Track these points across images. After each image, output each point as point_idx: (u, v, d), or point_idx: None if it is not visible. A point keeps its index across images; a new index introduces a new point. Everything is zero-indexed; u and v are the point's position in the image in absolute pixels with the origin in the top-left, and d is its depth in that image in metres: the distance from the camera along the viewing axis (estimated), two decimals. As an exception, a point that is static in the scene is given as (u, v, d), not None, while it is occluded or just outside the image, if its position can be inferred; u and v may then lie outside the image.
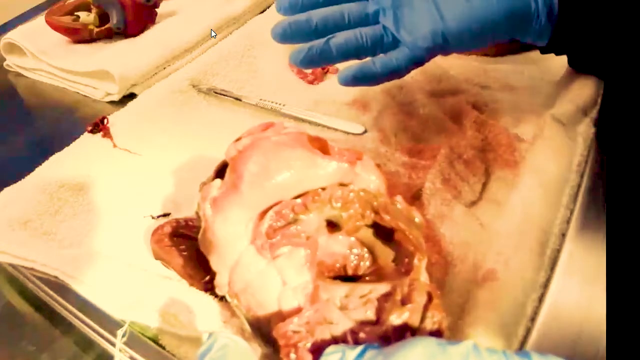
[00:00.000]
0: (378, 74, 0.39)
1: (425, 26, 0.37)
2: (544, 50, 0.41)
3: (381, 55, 0.39)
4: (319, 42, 0.39)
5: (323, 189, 0.31)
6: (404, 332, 0.26)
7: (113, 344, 0.32)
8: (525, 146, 0.41)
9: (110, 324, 0.33)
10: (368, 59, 0.40)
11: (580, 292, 0.32)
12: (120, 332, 0.31)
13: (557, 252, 0.34)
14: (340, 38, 0.39)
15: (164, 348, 0.32)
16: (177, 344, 0.32)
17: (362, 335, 0.26)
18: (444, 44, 0.37)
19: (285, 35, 0.40)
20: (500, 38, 0.39)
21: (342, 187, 0.31)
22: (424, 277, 0.29)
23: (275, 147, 0.31)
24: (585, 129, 0.41)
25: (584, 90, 0.43)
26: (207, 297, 0.33)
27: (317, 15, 0.40)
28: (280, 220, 0.30)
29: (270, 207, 0.30)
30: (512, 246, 0.33)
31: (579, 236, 0.34)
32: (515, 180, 0.38)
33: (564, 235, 0.35)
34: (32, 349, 0.34)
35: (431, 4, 0.37)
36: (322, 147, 0.32)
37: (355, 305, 0.28)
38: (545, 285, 0.32)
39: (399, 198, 0.31)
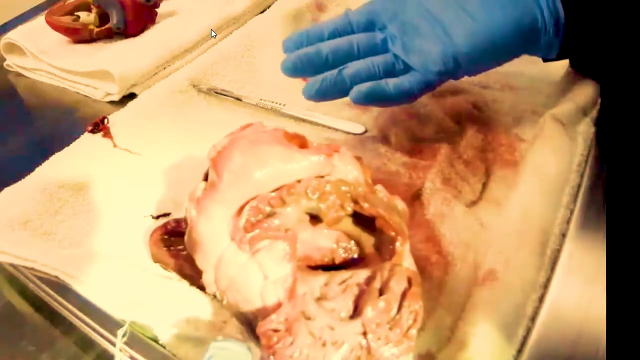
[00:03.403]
0: (391, 94, 0.38)
1: (434, 50, 0.37)
2: (546, 59, 0.41)
3: (394, 78, 0.39)
4: (331, 74, 0.39)
5: (299, 181, 0.31)
6: (380, 325, 0.26)
7: (113, 344, 0.32)
8: (525, 146, 0.41)
9: (111, 324, 0.33)
10: (381, 80, 0.39)
11: (580, 292, 0.32)
12: (120, 332, 0.31)
13: (557, 252, 0.34)
14: (352, 68, 0.39)
15: (164, 348, 0.32)
16: (177, 344, 0.32)
17: (339, 332, 0.26)
18: (455, 67, 0.37)
19: (297, 69, 0.40)
20: (511, 56, 0.38)
21: (317, 178, 0.31)
22: (407, 262, 0.29)
23: (252, 144, 0.31)
24: (585, 129, 0.41)
25: (584, 90, 0.43)
26: (207, 297, 0.33)
27: (327, 47, 0.40)
28: (258, 214, 0.30)
29: (248, 202, 0.31)
30: (512, 246, 0.33)
31: (579, 236, 0.34)
32: (515, 180, 0.38)
33: (564, 235, 0.35)
34: (32, 349, 0.34)
35: (438, 28, 0.37)
36: (301, 143, 0.33)
37: (334, 293, 0.28)
38: (545, 285, 0.32)
39: (379, 187, 0.32)
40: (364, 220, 0.31)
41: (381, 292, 0.27)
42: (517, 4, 0.36)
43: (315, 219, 0.31)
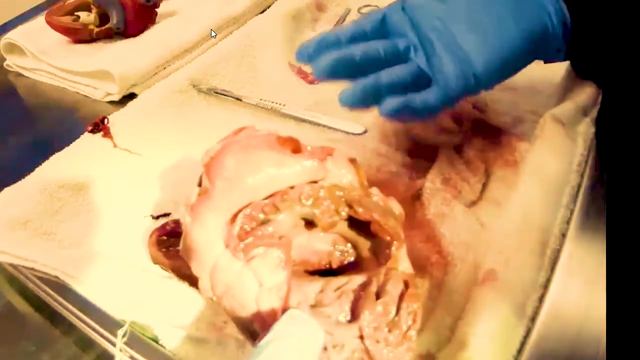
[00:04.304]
0: (418, 109, 0.37)
1: (453, 68, 0.36)
2: (547, 61, 0.41)
3: (421, 92, 0.38)
4: (369, 81, 0.37)
5: (292, 187, 0.31)
6: (378, 328, 0.26)
7: (113, 344, 0.32)
8: (525, 146, 0.41)
9: (111, 324, 0.33)
10: (409, 95, 0.38)
11: (580, 292, 0.32)
12: (120, 332, 0.31)
13: (557, 252, 0.34)
14: (387, 77, 0.37)
15: (164, 348, 0.32)
16: (177, 344, 0.32)
17: (338, 335, 0.26)
18: (475, 84, 0.37)
19: (335, 71, 0.38)
20: (525, 65, 0.38)
21: (311, 184, 0.31)
22: (403, 265, 0.29)
23: (244, 150, 0.31)
24: (585, 129, 0.41)
25: (584, 90, 0.43)
26: (207, 298, 0.33)
27: (358, 50, 0.38)
28: (252, 222, 0.30)
29: (242, 210, 0.30)
30: (512, 246, 0.33)
31: (579, 236, 0.34)
32: (515, 180, 0.38)
33: (564, 235, 0.34)
34: (32, 349, 0.34)
35: (453, 43, 0.36)
36: (294, 147, 0.32)
37: (329, 299, 0.28)
38: (545, 285, 0.32)
39: (374, 190, 0.31)
40: (359, 224, 0.31)
41: (378, 296, 0.27)
42: (528, 14, 0.36)
43: (310, 224, 0.31)
